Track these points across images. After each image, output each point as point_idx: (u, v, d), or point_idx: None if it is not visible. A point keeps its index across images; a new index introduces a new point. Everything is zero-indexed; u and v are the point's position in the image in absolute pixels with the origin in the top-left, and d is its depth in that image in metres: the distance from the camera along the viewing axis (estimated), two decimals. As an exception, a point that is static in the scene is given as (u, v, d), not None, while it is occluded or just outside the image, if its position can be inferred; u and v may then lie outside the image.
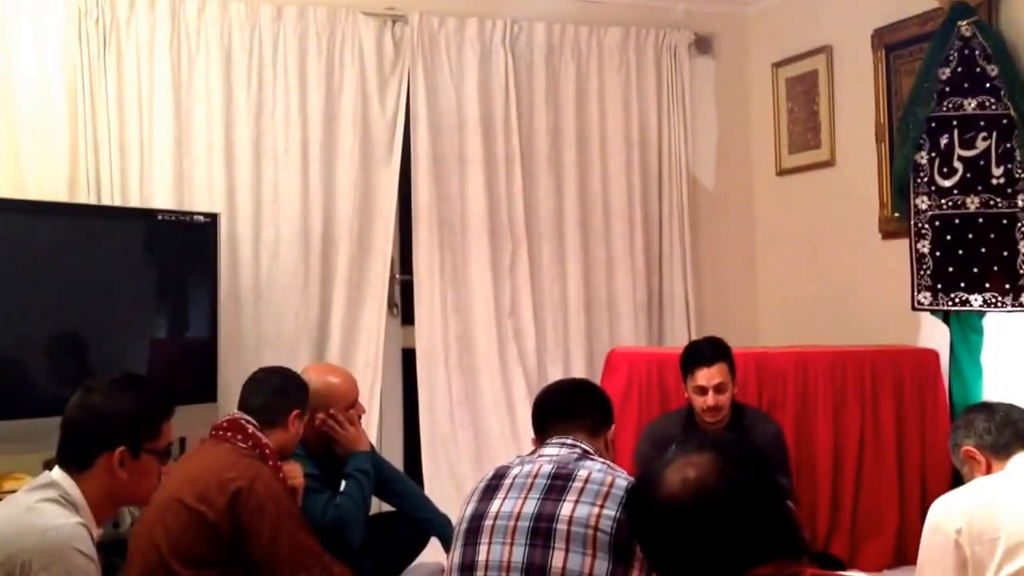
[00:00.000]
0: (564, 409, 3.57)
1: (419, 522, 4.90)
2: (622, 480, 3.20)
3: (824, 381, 5.63)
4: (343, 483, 4.47)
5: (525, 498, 3.21)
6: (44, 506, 2.85)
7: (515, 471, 3.35)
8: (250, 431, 3.97)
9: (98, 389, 3.05)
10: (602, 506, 3.10)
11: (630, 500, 2.19)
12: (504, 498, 3.26)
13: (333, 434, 4.54)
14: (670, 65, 7.03)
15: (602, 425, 3.58)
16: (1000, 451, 3.62)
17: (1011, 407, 3.77)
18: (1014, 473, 3.51)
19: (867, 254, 6.39)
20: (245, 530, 3.72)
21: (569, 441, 3.40)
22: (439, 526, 4.86)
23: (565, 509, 3.12)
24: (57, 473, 2.95)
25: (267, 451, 3.96)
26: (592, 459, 3.33)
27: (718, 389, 4.93)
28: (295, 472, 4.20)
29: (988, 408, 3.81)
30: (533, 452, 3.45)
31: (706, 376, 4.94)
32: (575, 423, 3.50)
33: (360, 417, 4.73)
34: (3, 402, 4.89)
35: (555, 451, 3.37)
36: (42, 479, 2.96)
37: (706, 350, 5.04)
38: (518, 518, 3.17)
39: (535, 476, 3.28)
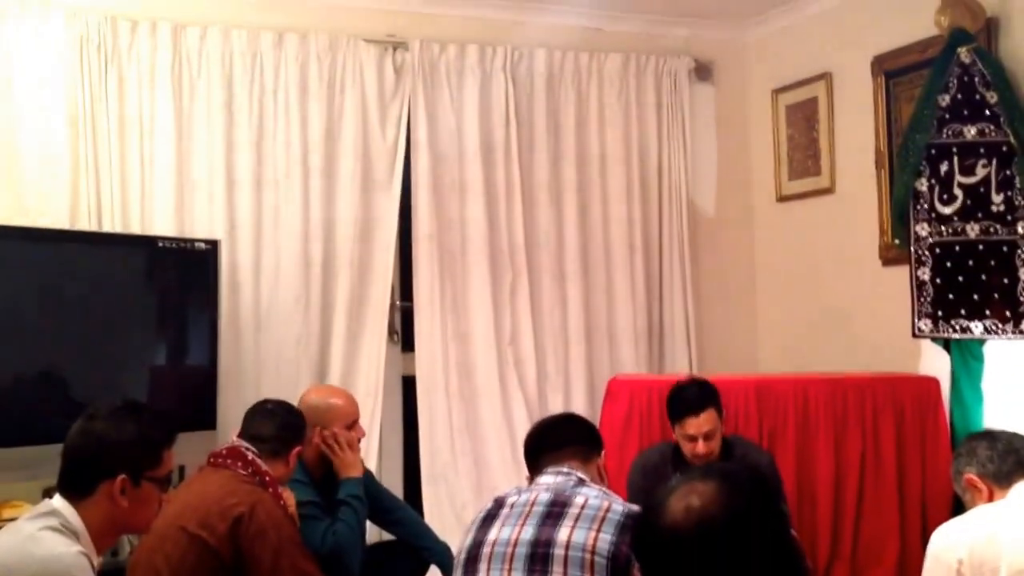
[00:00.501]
0: (553, 441, 3.64)
1: (419, 550, 4.90)
2: (618, 505, 3.24)
3: (824, 408, 5.61)
4: (339, 510, 4.46)
5: (523, 525, 3.25)
6: (45, 535, 2.85)
7: (513, 500, 3.38)
8: (250, 458, 3.98)
9: (100, 416, 3.06)
10: (599, 530, 3.14)
11: (636, 530, 2.19)
12: (502, 526, 3.30)
13: (330, 454, 4.53)
14: (670, 91, 7.05)
15: (592, 452, 3.64)
16: (1002, 479, 3.63)
17: (1013, 435, 3.78)
18: (1015, 502, 3.51)
19: (867, 281, 6.40)
20: (246, 556, 3.72)
21: (564, 470, 3.45)
22: (439, 554, 4.86)
23: (562, 534, 3.16)
24: (58, 501, 2.96)
25: (267, 478, 3.97)
26: (588, 486, 3.38)
27: (708, 436, 4.81)
28: (288, 500, 4.20)
29: (990, 436, 3.82)
30: (532, 481, 3.47)
31: (695, 425, 4.82)
32: (566, 452, 3.56)
33: (360, 440, 4.72)
34: (2, 429, 4.89)
35: (551, 479, 3.42)
36: (43, 507, 2.97)
37: (694, 398, 4.90)
38: (516, 544, 3.21)
39: (533, 504, 3.31)
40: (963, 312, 5.39)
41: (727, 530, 2.01)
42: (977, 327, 5.35)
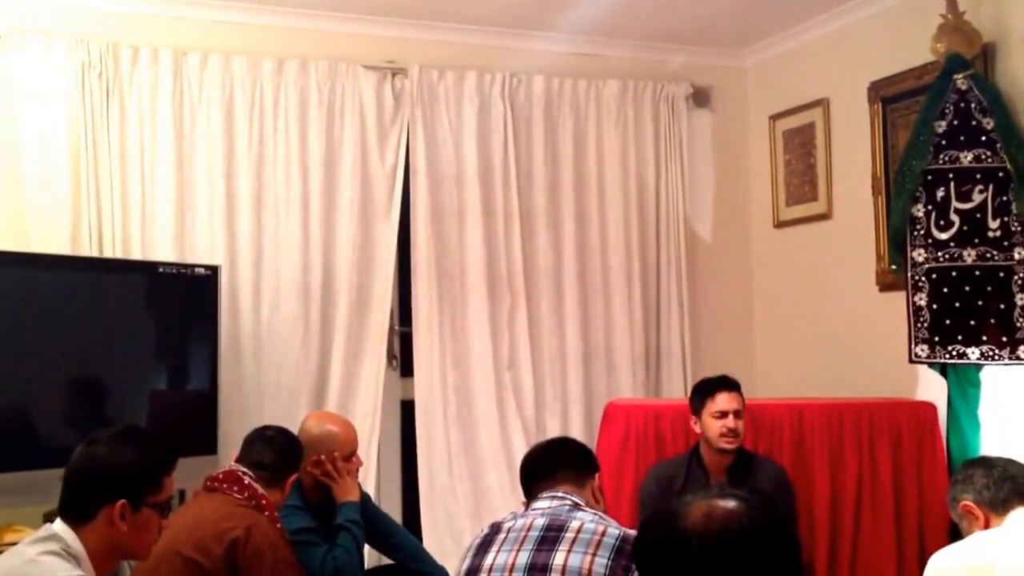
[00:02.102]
0: (544, 467, 3.64)
1: (417, 574, 4.90)
2: (613, 529, 3.26)
3: (821, 433, 5.60)
4: (337, 535, 4.46)
5: (519, 550, 3.26)
6: (46, 559, 2.86)
7: (509, 525, 3.39)
8: (246, 482, 3.99)
9: (102, 441, 3.08)
10: (594, 554, 3.17)
11: (644, 532, 2.19)
12: (498, 551, 3.32)
13: (327, 479, 4.54)
14: (668, 117, 7.08)
15: (585, 475, 3.64)
16: (998, 506, 3.65)
17: (1009, 462, 3.80)
18: (1011, 529, 3.53)
19: (864, 306, 6.42)
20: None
21: (559, 494, 3.45)
22: (437, 576, 4.88)
23: (558, 559, 3.18)
24: (59, 525, 2.97)
25: (263, 501, 3.97)
26: (584, 510, 3.39)
27: (737, 414, 5.06)
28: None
29: (987, 463, 3.84)
30: (528, 507, 3.48)
31: (727, 400, 5.08)
32: (558, 477, 3.56)
33: (358, 470, 4.73)
34: (3, 454, 4.91)
35: (546, 504, 3.43)
36: (44, 531, 2.98)
37: (724, 379, 5.23)
38: (512, 569, 3.24)
39: (528, 529, 3.33)
40: (959, 338, 5.38)
41: (748, 539, 2.02)
42: (973, 352, 5.35)
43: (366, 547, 4.74)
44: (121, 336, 5.41)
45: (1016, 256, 5.31)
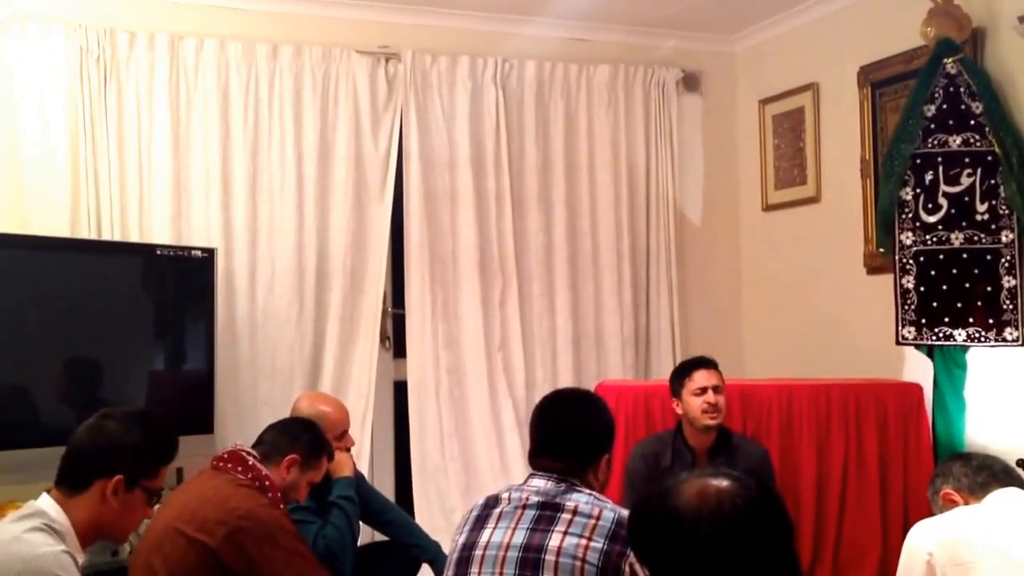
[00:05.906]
0: (546, 446, 3.54)
1: (410, 548, 4.96)
2: (609, 512, 3.21)
3: (808, 413, 5.64)
4: (330, 512, 4.49)
5: (515, 528, 3.24)
6: (30, 535, 2.88)
7: (504, 501, 3.38)
8: (250, 463, 3.95)
9: (115, 417, 3.15)
10: (590, 538, 3.13)
11: (638, 511, 2.21)
12: (494, 528, 3.29)
13: None
14: (658, 102, 7.12)
15: (589, 462, 3.46)
16: (977, 490, 3.74)
17: (986, 455, 3.92)
18: (990, 507, 3.62)
19: (852, 289, 6.46)
20: (254, 558, 3.68)
21: (556, 475, 3.43)
22: (430, 551, 4.93)
23: (553, 540, 3.16)
24: (44, 500, 3.01)
25: (267, 483, 3.94)
26: (579, 491, 3.33)
27: (717, 390, 5.11)
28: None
29: (965, 456, 3.97)
30: (525, 481, 3.48)
31: (705, 376, 5.14)
32: (557, 463, 3.46)
33: (349, 449, 4.78)
34: (4, 432, 4.96)
35: (542, 483, 3.39)
36: (28, 508, 3.01)
37: (701, 358, 5.30)
38: (507, 548, 3.21)
39: (524, 506, 3.30)
40: (946, 320, 5.41)
41: (741, 518, 2.05)
42: (960, 334, 5.37)
43: (360, 524, 4.78)
44: (119, 317, 5.44)
45: (1003, 239, 5.33)
